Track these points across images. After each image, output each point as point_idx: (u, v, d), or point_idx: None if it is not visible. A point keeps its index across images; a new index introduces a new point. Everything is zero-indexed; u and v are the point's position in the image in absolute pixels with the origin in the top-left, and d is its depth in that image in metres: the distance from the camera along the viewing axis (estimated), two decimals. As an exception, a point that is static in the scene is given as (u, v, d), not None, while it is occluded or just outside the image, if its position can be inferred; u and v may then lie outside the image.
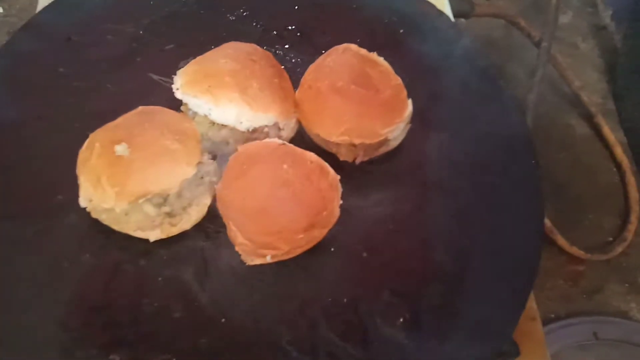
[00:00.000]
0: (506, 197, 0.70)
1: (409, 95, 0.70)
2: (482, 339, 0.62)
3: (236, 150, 0.64)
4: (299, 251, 0.62)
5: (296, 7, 0.83)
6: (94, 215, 0.61)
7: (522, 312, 0.63)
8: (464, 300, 0.63)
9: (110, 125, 0.61)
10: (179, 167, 0.59)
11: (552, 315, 1.18)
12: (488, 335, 0.62)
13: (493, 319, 0.62)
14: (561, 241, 1.21)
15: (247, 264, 0.62)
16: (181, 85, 0.64)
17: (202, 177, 0.63)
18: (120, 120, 0.62)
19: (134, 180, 0.57)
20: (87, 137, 0.62)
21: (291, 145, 0.64)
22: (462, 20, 1.14)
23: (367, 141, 0.66)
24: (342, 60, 0.68)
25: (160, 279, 0.61)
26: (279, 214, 0.59)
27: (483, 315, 0.62)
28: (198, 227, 0.64)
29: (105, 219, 0.61)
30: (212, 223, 0.65)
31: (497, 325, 0.62)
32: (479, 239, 0.67)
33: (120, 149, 0.57)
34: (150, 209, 0.59)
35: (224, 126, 0.65)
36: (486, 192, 0.71)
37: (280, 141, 0.65)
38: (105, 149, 0.58)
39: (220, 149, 0.67)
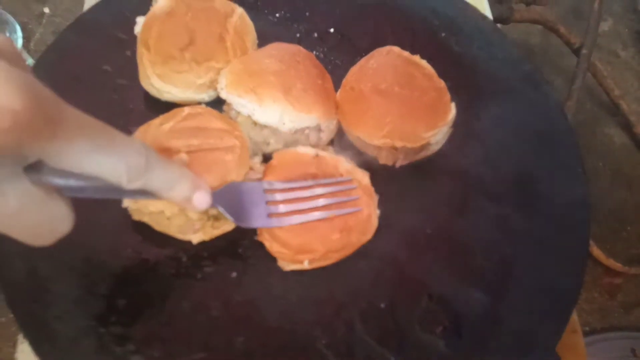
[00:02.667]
0: (551, 205, 0.69)
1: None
2: (524, 351, 0.60)
3: (277, 150, 0.64)
4: (335, 256, 0.62)
5: (337, 10, 0.83)
6: (135, 217, 0.61)
7: (567, 325, 0.61)
8: (506, 310, 0.62)
9: (158, 125, 0.62)
10: (229, 177, 0.59)
11: (587, 329, 1.14)
12: (531, 347, 0.60)
13: (536, 330, 0.61)
14: (597, 253, 1.18)
15: (284, 269, 0.62)
16: (225, 85, 0.64)
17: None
18: (168, 123, 0.61)
19: None
20: (129, 134, 0.63)
21: (326, 156, 0.64)
22: (500, 25, 1.12)
23: (409, 145, 0.65)
24: (385, 62, 0.68)
25: (198, 276, 0.61)
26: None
27: (526, 326, 0.61)
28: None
29: (147, 220, 0.61)
30: (251, 222, 0.65)
31: (540, 337, 0.61)
32: (522, 247, 0.66)
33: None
34: (193, 214, 0.59)
35: (265, 127, 0.65)
36: (530, 200, 0.69)
37: (315, 152, 0.64)
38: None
39: (261, 149, 0.67)
